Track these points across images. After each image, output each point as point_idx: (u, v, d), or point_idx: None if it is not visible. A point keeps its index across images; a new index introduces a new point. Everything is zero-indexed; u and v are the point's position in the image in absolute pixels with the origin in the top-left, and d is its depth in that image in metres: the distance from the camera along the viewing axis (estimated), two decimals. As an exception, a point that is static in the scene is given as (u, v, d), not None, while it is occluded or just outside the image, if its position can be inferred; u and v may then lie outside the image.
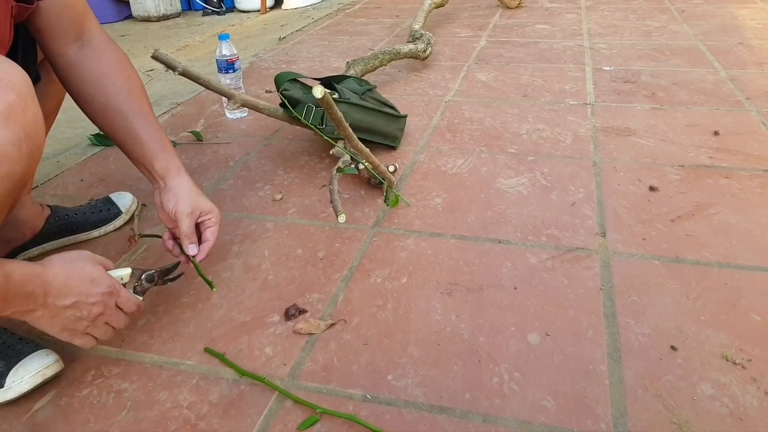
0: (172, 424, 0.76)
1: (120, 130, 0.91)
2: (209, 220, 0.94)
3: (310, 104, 1.33)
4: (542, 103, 1.77)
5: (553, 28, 2.67)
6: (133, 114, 0.91)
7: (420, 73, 2.11)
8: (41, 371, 0.81)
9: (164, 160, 0.92)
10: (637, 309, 0.92)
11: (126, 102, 0.90)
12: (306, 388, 0.81)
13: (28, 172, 0.70)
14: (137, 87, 0.93)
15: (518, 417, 0.75)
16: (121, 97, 0.90)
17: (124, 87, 0.91)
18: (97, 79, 0.89)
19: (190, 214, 0.91)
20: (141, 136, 0.91)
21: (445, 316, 0.92)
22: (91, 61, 0.90)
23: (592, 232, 1.12)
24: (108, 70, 0.90)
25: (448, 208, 1.22)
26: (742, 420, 0.73)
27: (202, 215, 0.93)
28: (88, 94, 0.90)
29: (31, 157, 0.69)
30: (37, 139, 0.70)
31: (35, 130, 0.69)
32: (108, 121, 0.91)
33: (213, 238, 0.93)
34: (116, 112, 0.90)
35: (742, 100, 1.72)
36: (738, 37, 2.38)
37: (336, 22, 3.07)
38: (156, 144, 0.92)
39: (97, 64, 0.90)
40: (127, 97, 0.90)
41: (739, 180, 1.28)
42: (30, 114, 0.68)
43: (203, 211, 0.93)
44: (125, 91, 0.91)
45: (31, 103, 0.69)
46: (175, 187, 0.92)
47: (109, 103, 0.90)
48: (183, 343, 0.90)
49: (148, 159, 0.92)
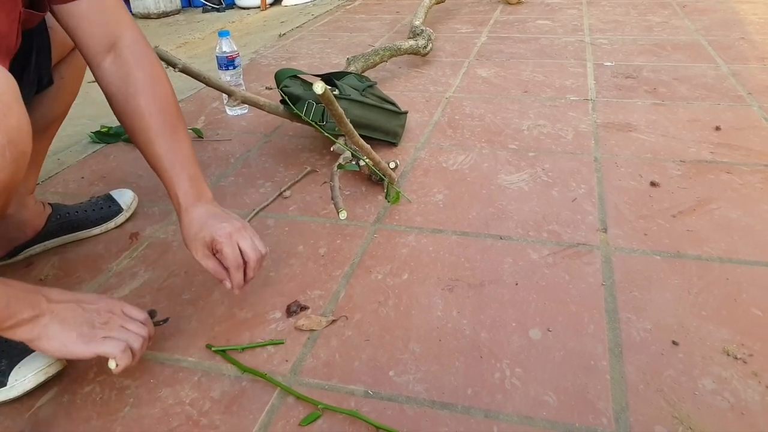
0: (174, 421, 0.76)
1: (145, 149, 0.87)
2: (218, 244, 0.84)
3: (310, 101, 1.33)
4: (543, 99, 1.77)
5: (554, 23, 2.66)
6: (158, 135, 0.86)
7: (420, 69, 2.11)
8: (44, 369, 0.81)
9: (182, 189, 0.86)
10: (639, 304, 0.92)
11: (150, 121, 0.85)
12: (308, 384, 0.81)
13: (13, 180, 0.67)
14: (166, 104, 0.88)
15: (520, 412, 0.75)
16: (146, 116, 0.85)
17: (152, 105, 0.86)
18: (126, 95, 0.86)
19: (202, 257, 0.85)
20: (163, 160, 0.86)
21: (447, 312, 0.93)
22: (121, 75, 0.86)
23: (594, 228, 1.12)
24: (135, 89, 0.85)
25: (449, 205, 1.22)
26: (744, 415, 0.73)
27: (215, 242, 0.84)
28: (117, 109, 0.87)
29: (16, 164, 0.66)
30: (22, 145, 0.66)
31: (19, 136, 0.65)
32: (135, 137, 0.87)
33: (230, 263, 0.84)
34: (140, 132, 0.86)
35: (743, 95, 1.71)
36: (740, 32, 2.37)
37: (336, 18, 3.06)
38: (176, 169, 0.86)
39: (126, 79, 0.86)
40: (151, 117, 0.85)
41: (741, 175, 1.28)
42: (13, 119, 0.64)
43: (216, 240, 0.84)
44: (151, 109, 0.86)
45: (15, 107, 0.65)
46: (185, 223, 0.86)
47: (134, 125, 0.86)
48: (185, 339, 0.90)
49: (169, 186, 0.87)
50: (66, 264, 1.09)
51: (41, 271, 1.07)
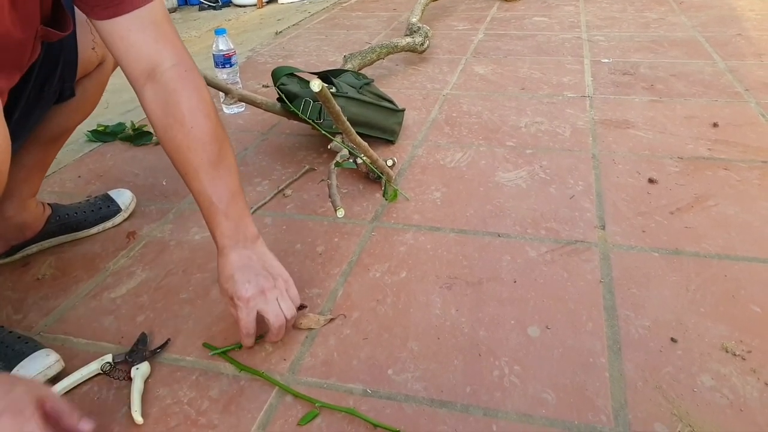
0: (172, 420, 0.76)
1: (188, 184, 0.83)
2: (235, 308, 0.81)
3: (307, 99, 1.33)
4: (540, 96, 1.77)
5: (551, 20, 2.66)
6: (197, 170, 0.81)
7: (417, 66, 2.11)
8: (43, 372, 0.80)
9: (219, 229, 0.82)
10: (637, 301, 0.92)
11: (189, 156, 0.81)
12: (306, 383, 0.81)
13: None
14: (207, 137, 0.81)
15: (519, 410, 0.75)
16: (185, 150, 0.80)
17: (191, 139, 0.80)
18: (165, 127, 0.81)
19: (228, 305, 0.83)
20: (203, 196, 0.82)
21: (445, 310, 0.92)
22: (161, 104, 0.81)
23: (592, 225, 1.12)
24: (174, 119, 0.80)
25: (447, 202, 1.22)
26: (742, 411, 0.73)
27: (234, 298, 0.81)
28: (160, 140, 0.83)
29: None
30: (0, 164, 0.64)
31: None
32: (178, 170, 0.83)
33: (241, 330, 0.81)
34: (181, 166, 0.82)
35: (740, 91, 1.71)
36: (736, 28, 2.37)
37: (333, 15, 3.06)
38: (214, 206, 0.82)
39: (165, 109, 0.80)
40: (189, 151, 0.80)
41: (738, 172, 1.28)
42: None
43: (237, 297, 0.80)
44: (191, 144, 0.80)
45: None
46: (220, 266, 0.83)
47: (174, 157, 0.82)
48: (182, 339, 0.90)
49: (209, 225, 0.83)
50: (63, 263, 1.09)
51: (38, 270, 1.07)
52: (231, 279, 0.80)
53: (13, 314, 0.97)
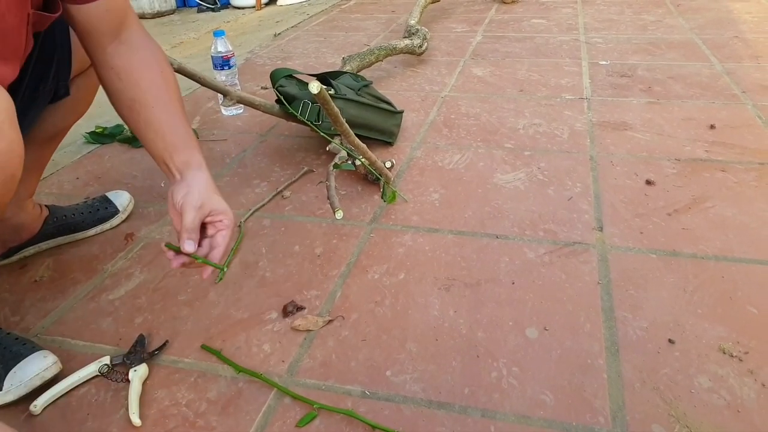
0: (170, 422, 0.76)
1: (145, 124, 0.86)
2: (220, 222, 0.82)
3: (306, 100, 1.33)
4: (539, 97, 1.77)
5: (549, 22, 2.67)
6: (159, 107, 0.85)
7: (416, 68, 2.11)
8: (40, 374, 0.80)
9: (185, 154, 0.85)
10: (635, 303, 0.92)
11: (153, 96, 0.85)
12: (304, 384, 0.81)
13: (2, 201, 0.66)
14: (168, 82, 0.88)
15: (517, 411, 0.75)
16: (149, 91, 0.85)
17: (154, 81, 0.86)
18: (128, 73, 0.86)
19: (198, 207, 0.80)
20: (164, 129, 0.85)
21: (443, 312, 0.92)
22: (125, 57, 0.85)
23: (590, 227, 1.12)
24: (139, 65, 0.86)
25: (446, 204, 1.22)
26: (740, 412, 0.73)
27: (212, 214, 0.81)
28: (117, 88, 0.86)
29: (5, 187, 0.65)
30: (11, 168, 0.65)
31: (9, 159, 0.64)
32: (134, 114, 0.86)
33: (224, 243, 0.81)
34: (142, 105, 0.85)
35: (737, 93, 1.72)
36: (733, 30, 2.38)
37: (331, 18, 3.06)
38: (179, 138, 0.85)
39: (129, 60, 0.86)
40: (155, 91, 0.86)
41: (735, 173, 1.28)
42: (4, 143, 0.63)
43: (215, 209, 0.81)
44: (154, 85, 0.86)
45: (8, 130, 0.63)
46: (190, 179, 0.83)
47: (136, 97, 0.85)
48: (180, 340, 0.89)
49: (169, 152, 0.84)
50: (61, 265, 1.08)
51: (36, 272, 1.07)
52: (215, 194, 0.83)
53: (11, 316, 0.97)
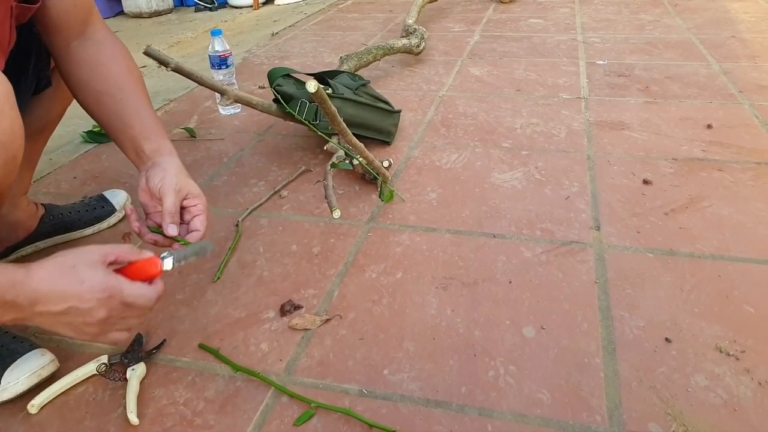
0: (168, 421, 0.76)
1: (112, 115, 0.87)
2: (195, 207, 0.84)
3: (303, 100, 1.33)
4: (536, 97, 1.77)
5: (547, 22, 2.67)
6: (127, 98, 0.87)
7: (413, 68, 2.11)
8: (37, 372, 0.80)
9: (156, 142, 0.86)
10: (632, 302, 0.92)
11: (120, 87, 0.87)
12: (302, 383, 0.81)
13: (4, 182, 0.68)
14: (134, 75, 0.90)
15: (514, 410, 0.75)
16: (116, 83, 0.87)
17: (121, 73, 0.88)
18: (95, 66, 0.87)
19: (177, 191, 0.82)
20: (133, 119, 0.86)
21: (441, 311, 0.93)
22: (91, 51, 0.87)
23: (587, 226, 1.12)
24: (106, 59, 0.88)
25: (443, 203, 1.22)
26: (736, 411, 0.73)
27: (189, 197, 0.84)
28: (83, 80, 0.87)
29: (7, 167, 0.66)
30: (14, 148, 0.67)
31: (11, 139, 0.66)
32: (101, 106, 0.87)
33: (203, 228, 0.83)
34: (109, 97, 0.87)
35: (735, 93, 1.72)
36: (731, 30, 2.38)
37: (329, 17, 3.06)
38: (149, 127, 0.87)
39: (96, 54, 0.87)
40: (122, 83, 0.87)
41: (732, 173, 1.28)
42: (6, 123, 0.65)
43: (191, 193, 0.84)
44: (121, 77, 0.88)
45: (8, 111, 0.65)
46: (164, 163, 0.84)
47: (103, 89, 0.87)
48: (178, 339, 0.89)
49: (139, 141, 0.85)
50: (58, 264, 1.08)
51: (33, 271, 1.07)
52: (189, 178, 0.85)
53: (8, 315, 0.97)
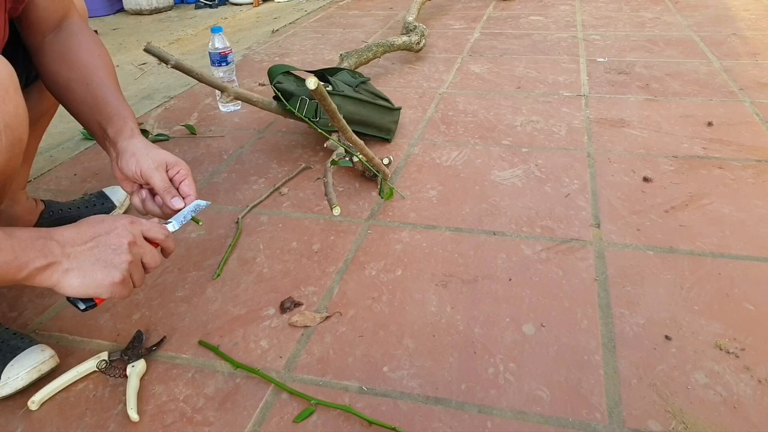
0: (168, 418, 0.76)
1: (81, 103, 0.87)
2: (179, 173, 0.85)
3: (303, 97, 1.33)
4: (536, 94, 1.77)
5: (547, 19, 2.66)
6: (95, 85, 0.87)
7: (414, 65, 2.11)
8: (37, 367, 0.80)
9: (117, 125, 0.85)
10: (632, 299, 0.92)
11: (89, 74, 0.87)
12: (302, 380, 0.81)
13: (10, 165, 0.69)
14: (105, 63, 0.90)
15: (514, 407, 0.75)
16: (85, 70, 0.87)
17: (90, 61, 0.88)
18: (65, 54, 0.87)
19: (157, 167, 0.82)
20: (99, 103, 0.86)
21: (440, 308, 0.93)
22: (63, 41, 0.88)
23: (587, 223, 1.12)
24: (77, 48, 0.88)
25: (443, 201, 1.22)
26: (736, 408, 0.74)
27: (169, 167, 0.84)
28: (53, 70, 0.88)
29: (12, 149, 0.68)
30: (18, 131, 0.68)
31: (16, 122, 0.67)
32: (69, 93, 0.88)
33: (193, 191, 0.85)
34: (78, 84, 0.87)
35: (735, 90, 1.72)
36: (731, 27, 2.38)
37: (329, 14, 3.06)
38: (112, 111, 0.86)
39: (67, 43, 0.88)
40: (91, 69, 0.87)
41: (733, 170, 1.28)
42: (11, 105, 0.66)
43: (169, 163, 0.84)
44: (90, 64, 0.88)
45: (13, 94, 0.67)
46: (129, 147, 0.83)
47: (72, 77, 0.87)
48: (178, 336, 0.90)
49: (104, 125, 0.85)
50: (58, 261, 1.08)
51: (33, 268, 1.07)
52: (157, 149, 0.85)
53: (9, 312, 0.97)
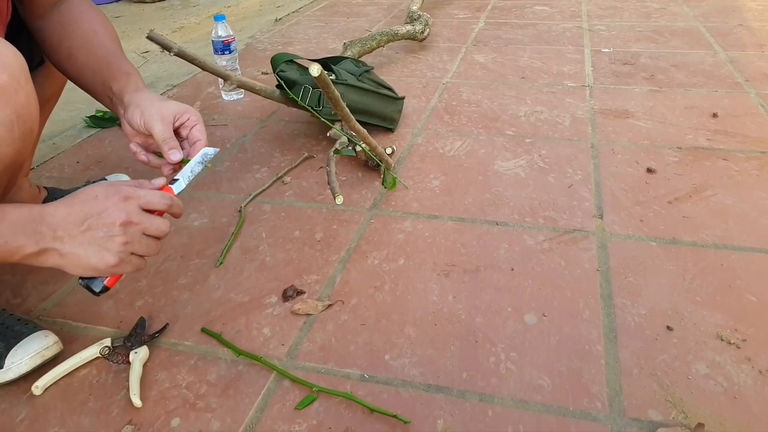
0: (170, 404, 0.76)
1: (84, 66, 0.86)
2: (189, 119, 0.82)
3: (306, 85, 1.33)
4: (540, 85, 1.76)
5: (552, 9, 2.65)
6: (96, 47, 0.86)
7: (417, 54, 2.10)
8: (41, 352, 0.81)
9: (121, 80, 0.83)
10: (634, 290, 0.92)
11: (90, 39, 0.87)
12: (304, 367, 0.81)
13: (21, 155, 0.69)
14: (105, 28, 0.90)
15: (515, 396, 0.75)
16: (86, 36, 0.87)
17: (90, 27, 0.88)
18: (66, 24, 0.88)
19: (161, 118, 0.79)
20: (101, 65, 0.85)
21: (442, 297, 0.93)
22: (63, 12, 0.88)
23: (590, 214, 1.12)
24: (77, 16, 0.88)
25: (446, 191, 1.22)
26: (737, 398, 0.74)
27: (177, 117, 0.81)
28: (55, 41, 0.87)
29: (24, 140, 0.68)
30: (30, 121, 0.69)
31: (28, 112, 0.68)
32: (72, 60, 0.87)
33: (203, 135, 0.82)
34: (79, 50, 0.86)
35: (741, 82, 1.71)
36: (738, 18, 2.36)
37: (333, 3, 3.04)
38: (115, 67, 0.85)
39: (68, 14, 0.88)
40: (91, 35, 0.87)
41: (737, 162, 1.28)
42: (22, 95, 0.67)
43: (177, 112, 0.81)
44: (91, 30, 0.88)
45: (24, 84, 0.67)
46: (134, 100, 0.81)
47: (74, 44, 0.87)
48: (181, 324, 0.90)
49: (109, 84, 0.84)
50: (61, 248, 1.09)
51: (37, 255, 1.07)
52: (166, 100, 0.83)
53: (13, 298, 0.97)
